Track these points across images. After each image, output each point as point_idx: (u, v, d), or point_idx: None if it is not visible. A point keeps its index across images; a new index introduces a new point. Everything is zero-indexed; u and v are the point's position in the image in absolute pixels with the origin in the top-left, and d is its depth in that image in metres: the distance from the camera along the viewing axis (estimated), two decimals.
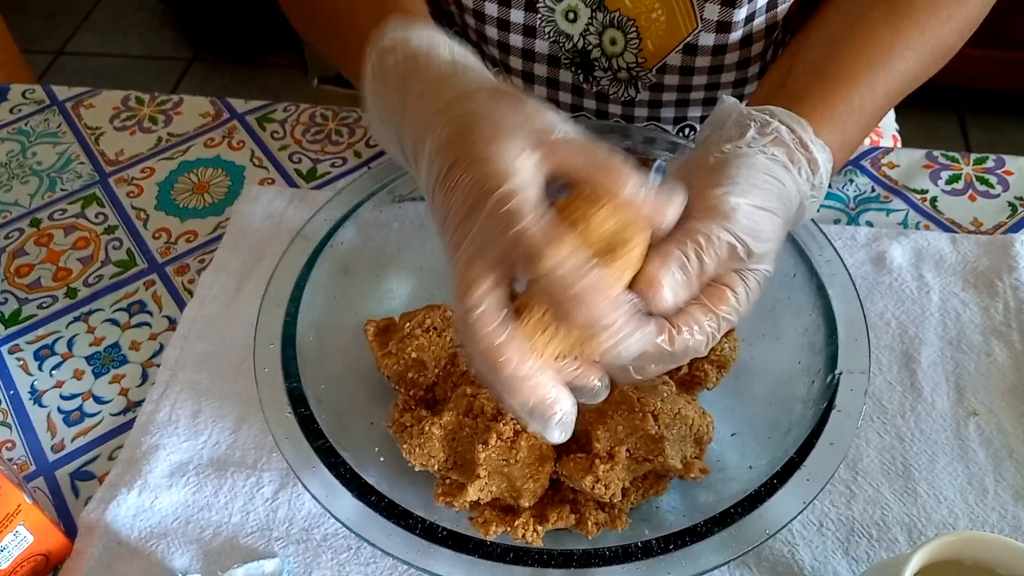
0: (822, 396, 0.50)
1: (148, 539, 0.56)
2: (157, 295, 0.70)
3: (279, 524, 0.57)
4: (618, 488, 0.50)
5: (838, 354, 0.51)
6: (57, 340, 0.68)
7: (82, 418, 0.63)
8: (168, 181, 0.79)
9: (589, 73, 0.70)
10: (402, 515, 0.46)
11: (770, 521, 0.45)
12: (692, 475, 0.53)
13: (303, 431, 0.50)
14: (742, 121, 0.47)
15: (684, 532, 0.45)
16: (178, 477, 0.59)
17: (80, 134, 0.84)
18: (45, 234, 0.75)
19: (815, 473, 0.47)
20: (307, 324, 0.55)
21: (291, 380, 0.52)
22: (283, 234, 0.72)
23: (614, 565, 0.44)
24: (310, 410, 0.51)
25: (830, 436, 0.48)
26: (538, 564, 0.45)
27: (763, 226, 0.43)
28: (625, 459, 0.51)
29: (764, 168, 0.45)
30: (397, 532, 0.46)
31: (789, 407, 0.53)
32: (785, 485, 0.46)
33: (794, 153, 0.46)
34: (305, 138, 0.82)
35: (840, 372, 0.50)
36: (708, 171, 0.45)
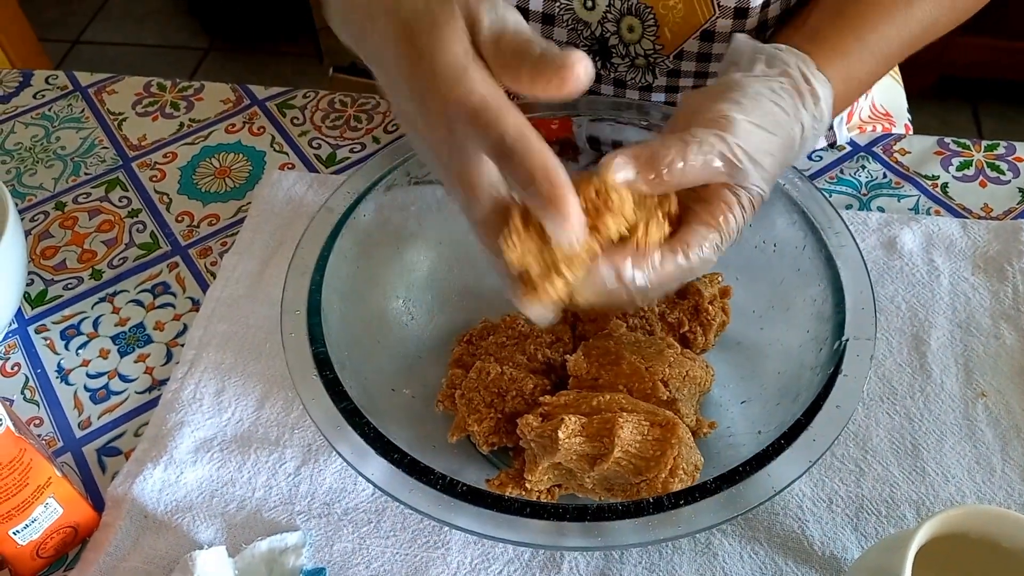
0: (829, 362, 0.51)
1: (174, 512, 0.58)
2: (180, 277, 0.72)
3: (301, 498, 0.58)
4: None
5: (845, 322, 0.52)
6: (83, 320, 0.69)
7: (108, 396, 0.65)
8: (190, 166, 0.80)
9: (607, 60, 0.71)
10: (424, 472, 0.48)
11: (777, 480, 0.46)
12: (703, 432, 0.55)
13: (329, 393, 0.51)
14: (753, 56, 0.51)
15: (694, 489, 0.46)
16: (203, 453, 0.60)
17: (103, 119, 0.85)
18: (70, 217, 0.77)
19: (821, 434, 0.48)
20: (331, 293, 0.56)
21: (317, 344, 0.53)
22: (303, 218, 0.74)
23: (626, 519, 0.45)
24: (335, 373, 0.52)
25: (836, 399, 0.49)
26: (554, 518, 0.46)
27: (761, 144, 0.46)
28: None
29: (768, 95, 0.48)
30: (420, 489, 0.47)
31: (798, 375, 0.54)
32: (792, 445, 0.47)
33: (799, 84, 0.49)
34: (324, 124, 0.83)
35: (847, 339, 0.51)
36: (715, 97, 0.48)
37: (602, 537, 0.45)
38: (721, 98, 0.47)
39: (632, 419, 0.49)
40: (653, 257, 0.45)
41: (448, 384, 0.59)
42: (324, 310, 0.55)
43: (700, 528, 0.45)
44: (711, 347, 0.60)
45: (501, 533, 0.46)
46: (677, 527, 0.45)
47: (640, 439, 0.49)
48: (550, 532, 0.46)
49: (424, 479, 0.47)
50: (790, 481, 0.46)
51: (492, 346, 0.60)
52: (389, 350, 0.60)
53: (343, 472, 0.59)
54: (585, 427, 0.49)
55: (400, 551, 0.56)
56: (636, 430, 0.49)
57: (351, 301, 0.58)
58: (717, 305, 0.60)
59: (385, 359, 0.60)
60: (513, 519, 0.45)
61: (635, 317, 0.60)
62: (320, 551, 0.56)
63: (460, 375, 0.59)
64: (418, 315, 0.63)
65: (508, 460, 0.57)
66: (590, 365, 0.56)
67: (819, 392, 0.49)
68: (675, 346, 0.57)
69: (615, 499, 0.52)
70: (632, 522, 0.45)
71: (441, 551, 0.56)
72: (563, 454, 0.49)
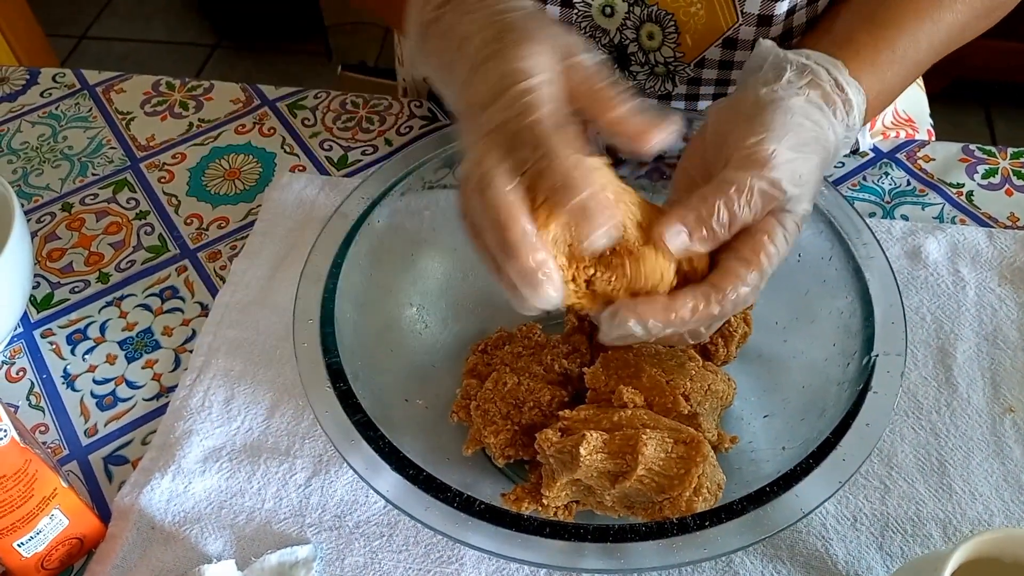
0: (858, 378, 0.50)
1: (182, 524, 0.57)
2: (189, 281, 0.70)
3: (312, 511, 0.57)
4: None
5: (874, 336, 0.51)
6: (90, 324, 0.68)
7: (115, 402, 0.64)
8: (199, 167, 0.79)
9: (625, 68, 0.69)
10: (440, 489, 0.46)
11: (805, 501, 0.45)
12: (724, 447, 0.53)
13: (342, 405, 0.50)
14: (779, 64, 0.49)
15: (720, 509, 0.45)
16: (211, 463, 0.59)
17: (111, 119, 0.84)
18: (77, 218, 0.76)
19: (851, 453, 0.46)
20: (344, 300, 0.55)
21: (330, 355, 0.52)
22: (314, 222, 0.73)
23: (649, 540, 0.44)
24: (349, 385, 0.51)
25: (866, 417, 0.48)
26: (574, 539, 0.45)
27: (801, 168, 0.45)
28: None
29: (801, 111, 0.46)
30: (435, 506, 0.46)
31: (824, 389, 0.53)
32: (821, 465, 0.46)
33: (830, 95, 0.47)
34: (336, 125, 0.82)
35: (876, 354, 0.50)
36: (745, 119, 0.46)
37: (624, 559, 0.44)
38: (753, 124, 0.45)
39: (656, 436, 0.48)
40: (683, 310, 0.44)
41: (462, 394, 0.57)
42: (337, 319, 0.53)
43: (726, 551, 0.44)
44: (733, 359, 0.58)
45: (518, 553, 0.45)
46: (702, 549, 0.43)
47: (664, 457, 0.47)
48: (569, 553, 0.45)
49: (440, 496, 0.45)
50: (820, 502, 0.44)
51: (508, 356, 0.59)
52: (402, 359, 0.59)
53: (355, 484, 0.58)
54: (607, 443, 0.48)
55: (413, 566, 0.55)
56: (660, 447, 0.48)
57: (364, 309, 0.57)
58: (739, 316, 0.58)
59: (398, 368, 0.59)
60: (531, 539, 0.44)
61: None
62: (331, 565, 0.55)
63: (475, 385, 0.57)
64: (432, 323, 0.62)
65: (523, 473, 0.56)
66: (608, 378, 0.55)
67: (848, 409, 0.47)
68: (696, 358, 0.55)
69: (635, 517, 0.50)
70: (655, 544, 0.44)
71: (455, 567, 0.54)
72: (584, 471, 0.48)
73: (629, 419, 0.50)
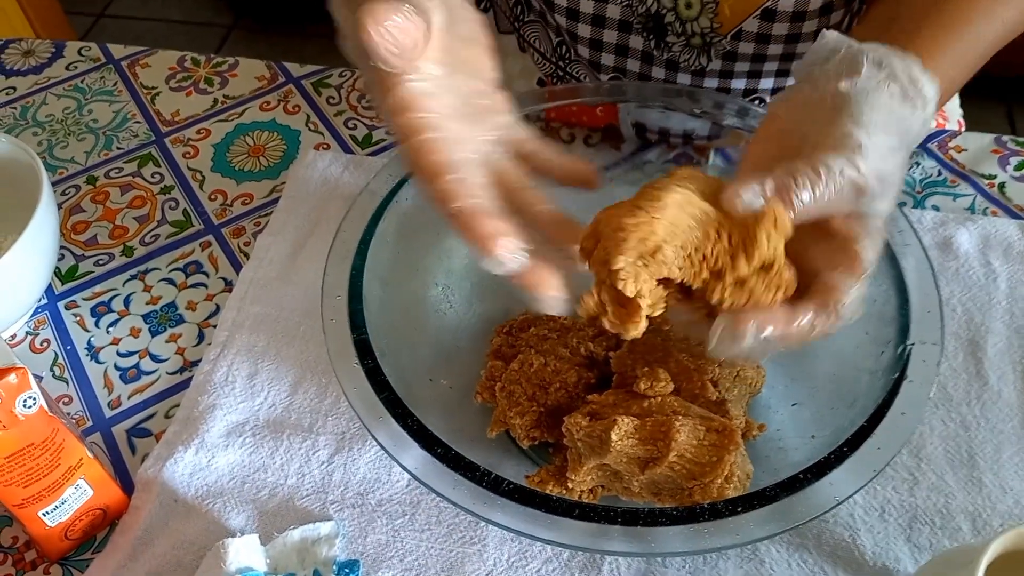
0: (893, 367, 0.49)
1: (205, 497, 0.57)
2: (213, 256, 0.70)
3: (334, 488, 0.57)
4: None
5: (910, 325, 0.50)
6: (114, 298, 0.68)
7: (139, 376, 0.63)
8: (224, 143, 0.79)
9: (661, 39, 0.68)
10: (469, 467, 0.46)
11: (838, 489, 0.44)
12: (752, 434, 0.53)
13: (370, 382, 0.50)
14: (854, 57, 0.46)
15: (752, 495, 0.44)
16: (235, 437, 0.59)
17: (136, 93, 0.84)
18: (101, 192, 0.75)
19: (886, 442, 0.46)
20: (372, 278, 0.55)
21: (358, 331, 0.52)
22: (338, 200, 0.72)
23: (679, 525, 0.43)
24: (376, 362, 0.51)
25: (901, 406, 0.47)
26: (604, 521, 0.44)
27: (888, 165, 0.43)
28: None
29: (886, 107, 0.44)
30: (462, 484, 0.46)
31: (854, 378, 0.52)
32: (855, 453, 0.45)
33: (908, 90, 0.45)
34: (361, 104, 0.81)
35: (912, 343, 0.49)
36: (829, 110, 0.44)
37: (653, 542, 0.43)
38: (841, 116, 0.43)
39: (688, 423, 0.47)
40: (804, 321, 0.42)
41: (487, 375, 0.57)
42: (364, 296, 0.53)
43: (757, 538, 0.43)
44: None
45: (544, 533, 0.44)
46: (733, 536, 0.43)
47: (696, 444, 0.47)
48: (595, 535, 0.44)
49: (468, 475, 0.45)
50: (854, 491, 0.44)
51: (533, 338, 0.58)
52: (427, 338, 0.59)
53: (377, 462, 0.58)
54: (638, 429, 0.48)
55: (435, 545, 0.54)
56: (692, 435, 0.47)
57: (391, 287, 0.57)
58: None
59: (423, 347, 0.58)
60: (559, 520, 0.44)
61: None
62: (353, 542, 0.55)
63: (500, 367, 0.57)
64: (457, 303, 0.62)
65: (547, 456, 0.56)
66: (635, 362, 0.54)
67: (883, 398, 0.47)
68: None
69: (662, 503, 0.50)
70: (684, 528, 0.43)
71: (477, 547, 0.54)
72: (614, 456, 0.47)
73: (659, 405, 0.50)
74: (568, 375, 0.55)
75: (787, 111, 0.47)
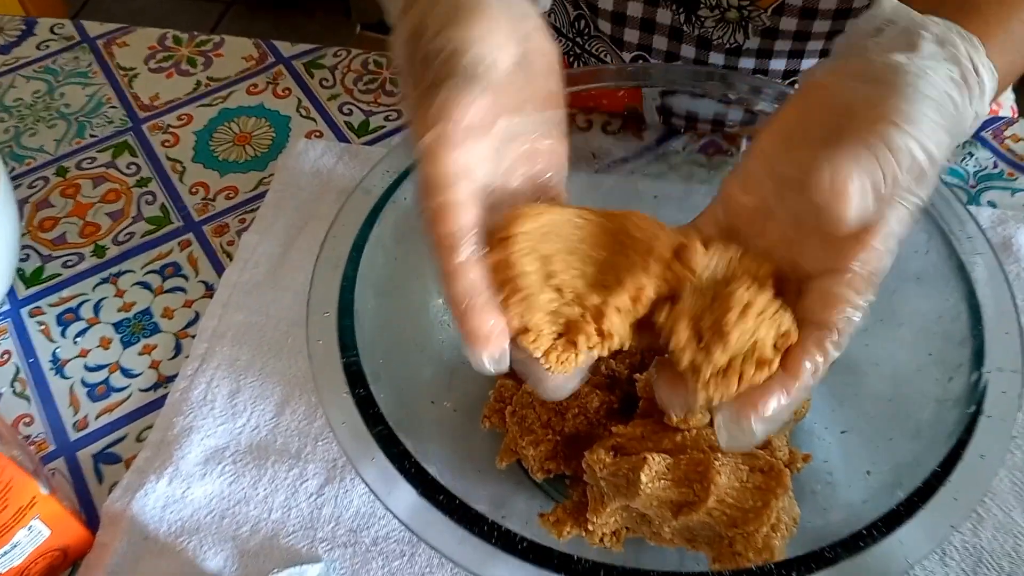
0: (966, 398, 0.42)
1: (179, 534, 0.50)
2: (193, 257, 0.64)
3: (324, 523, 0.51)
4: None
5: (985, 349, 0.43)
6: (83, 303, 0.62)
7: (108, 392, 0.57)
8: (207, 130, 0.72)
9: (692, 12, 0.61)
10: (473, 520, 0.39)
11: (911, 549, 0.38)
12: (797, 467, 0.47)
13: (361, 414, 0.43)
14: (912, 30, 0.39)
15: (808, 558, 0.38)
16: (213, 465, 0.53)
17: (112, 75, 0.77)
18: (72, 184, 0.69)
19: (963, 491, 0.39)
20: (366, 289, 0.48)
21: (348, 354, 0.45)
22: (331, 193, 0.66)
23: None
24: (369, 390, 0.44)
25: (979, 447, 0.40)
26: None
27: (937, 148, 0.36)
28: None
29: (943, 87, 0.37)
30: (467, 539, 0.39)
31: (918, 405, 0.46)
32: (928, 503, 0.39)
33: (968, 74, 0.38)
34: (357, 87, 0.74)
35: (989, 371, 0.42)
36: (881, 84, 0.37)
37: None
38: (895, 89, 0.36)
39: (728, 462, 0.41)
40: (804, 377, 0.36)
41: (496, 397, 0.51)
42: (357, 310, 0.46)
43: None
44: None
45: None
46: None
47: (738, 487, 0.41)
48: None
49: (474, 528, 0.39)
50: (927, 551, 0.37)
51: None
52: (429, 355, 0.53)
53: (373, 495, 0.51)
54: (671, 469, 0.41)
55: None
56: (734, 475, 0.41)
57: (388, 299, 0.50)
58: None
59: (424, 366, 0.52)
60: None
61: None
62: None
63: (510, 387, 0.51)
64: None
65: (563, 487, 0.49)
66: None
67: (958, 436, 0.40)
68: None
69: (696, 550, 0.43)
70: None
71: None
72: (643, 500, 0.41)
73: (695, 439, 0.43)
74: (588, 399, 0.48)
75: (834, 81, 0.40)
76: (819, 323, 0.35)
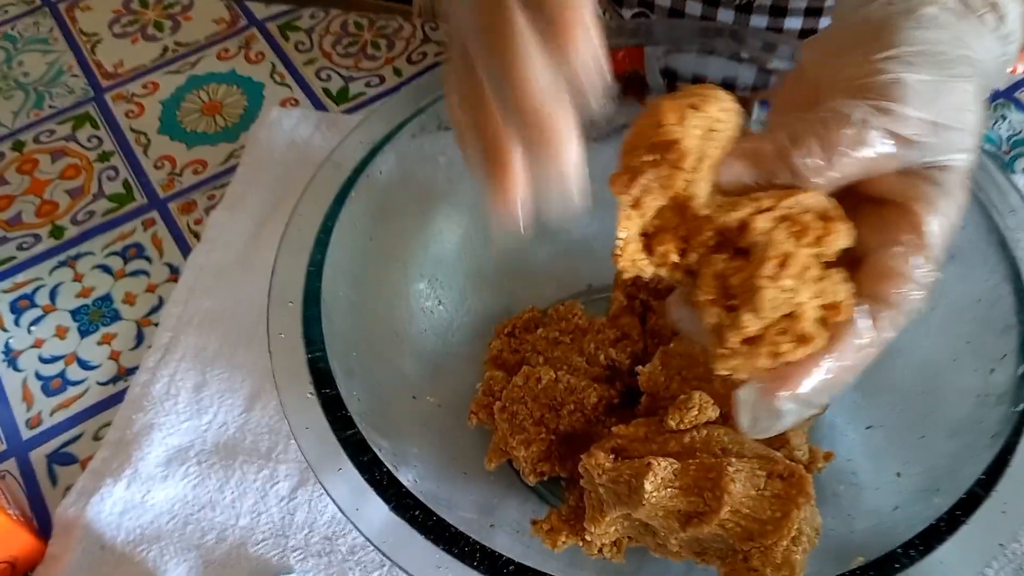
0: (1013, 393, 0.38)
1: (138, 543, 0.46)
2: (157, 237, 0.59)
3: (296, 530, 0.46)
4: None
5: None
6: (38, 289, 0.57)
7: (64, 386, 0.53)
8: (174, 99, 0.67)
9: None
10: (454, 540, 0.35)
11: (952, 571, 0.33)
12: (818, 466, 0.42)
13: (328, 419, 0.39)
14: None
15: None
16: (176, 466, 0.48)
17: (74, 41, 0.72)
18: (28, 160, 0.64)
19: (1012, 502, 0.34)
20: (337, 274, 0.43)
21: (314, 349, 0.40)
22: (308, 166, 0.60)
23: None
24: (337, 390, 0.39)
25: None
26: None
27: (946, 103, 0.31)
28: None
29: (936, 25, 0.32)
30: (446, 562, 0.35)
31: (954, 400, 0.41)
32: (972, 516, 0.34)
33: (970, 1, 0.33)
34: (335, 51, 0.69)
35: None
36: (858, 42, 0.33)
37: None
38: (869, 45, 0.32)
39: (744, 467, 0.36)
40: (859, 340, 0.31)
41: (484, 390, 0.46)
42: (326, 299, 0.42)
43: None
44: None
45: None
46: None
47: (755, 495, 0.36)
48: None
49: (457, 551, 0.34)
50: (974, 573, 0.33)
51: (541, 342, 0.47)
52: (411, 347, 0.48)
53: None
54: (679, 475, 0.36)
55: None
56: (749, 483, 0.36)
57: (362, 285, 0.45)
58: None
59: (404, 357, 0.47)
60: None
61: None
62: None
63: (500, 379, 0.46)
64: (447, 299, 0.50)
65: (558, 490, 0.45)
66: (670, 379, 0.43)
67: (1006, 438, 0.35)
68: None
69: (707, 564, 0.39)
70: None
71: None
72: (647, 510, 0.36)
73: (704, 441, 0.38)
74: (586, 394, 0.43)
75: (809, 54, 0.35)
76: (872, 296, 0.31)
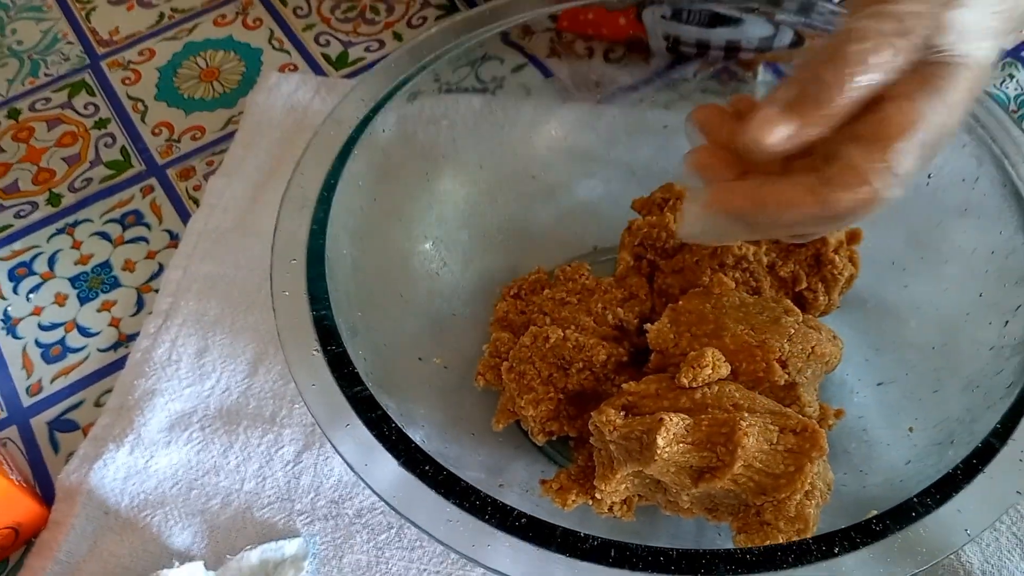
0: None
1: (141, 509, 0.46)
2: (156, 204, 0.58)
3: (302, 494, 0.46)
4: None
5: None
6: (36, 256, 0.56)
7: (64, 353, 0.52)
8: (171, 65, 0.66)
9: None
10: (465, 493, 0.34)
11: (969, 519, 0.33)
12: (829, 423, 0.42)
13: (335, 375, 0.38)
14: None
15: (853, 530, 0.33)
16: (179, 431, 0.48)
17: (68, 8, 0.71)
18: (24, 128, 0.63)
19: None
20: (340, 232, 0.43)
21: (319, 306, 0.40)
22: (307, 131, 0.60)
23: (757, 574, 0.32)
24: (343, 347, 0.39)
25: None
26: (653, 569, 0.33)
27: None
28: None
29: None
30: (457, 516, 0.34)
31: (969, 353, 0.41)
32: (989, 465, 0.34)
33: None
34: (334, 16, 0.68)
35: None
36: None
37: None
38: None
39: (757, 422, 0.36)
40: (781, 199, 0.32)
41: (491, 352, 0.45)
42: (330, 258, 0.41)
43: None
44: (835, 308, 0.46)
45: None
46: None
47: (768, 449, 0.35)
48: None
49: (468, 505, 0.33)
50: (990, 521, 0.32)
51: (547, 303, 0.47)
52: (416, 307, 0.47)
53: None
54: (691, 430, 0.36)
55: (428, 568, 0.44)
56: (762, 437, 0.35)
57: (365, 244, 0.45)
58: (844, 253, 0.45)
59: (409, 318, 0.47)
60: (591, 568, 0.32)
61: (735, 269, 0.46)
62: (326, 564, 0.44)
63: (507, 340, 0.45)
64: (452, 261, 0.50)
65: (567, 449, 0.44)
66: (679, 336, 0.42)
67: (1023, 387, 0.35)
68: (795, 312, 0.42)
69: (718, 521, 0.38)
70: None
71: (479, 570, 0.43)
72: (660, 465, 0.36)
73: (716, 396, 0.38)
74: (594, 352, 0.43)
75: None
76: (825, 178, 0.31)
